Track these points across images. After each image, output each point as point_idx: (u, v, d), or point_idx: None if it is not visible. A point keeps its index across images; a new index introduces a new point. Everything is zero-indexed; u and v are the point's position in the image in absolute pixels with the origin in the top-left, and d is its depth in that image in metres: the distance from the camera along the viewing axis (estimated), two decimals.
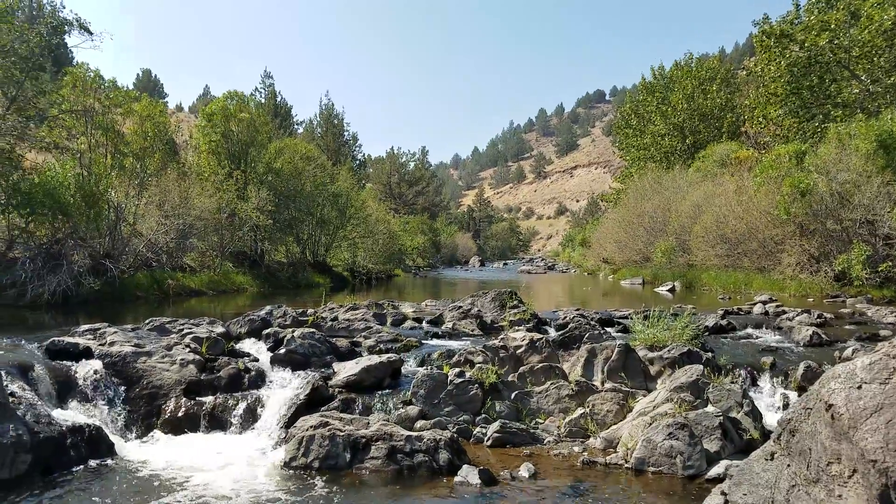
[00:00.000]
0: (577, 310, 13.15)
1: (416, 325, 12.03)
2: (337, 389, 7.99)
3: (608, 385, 7.86)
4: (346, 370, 8.32)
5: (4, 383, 6.50)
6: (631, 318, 10.92)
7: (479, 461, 6.49)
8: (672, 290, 24.51)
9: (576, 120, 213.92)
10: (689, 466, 6.05)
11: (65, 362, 7.97)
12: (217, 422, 7.62)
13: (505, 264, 78.23)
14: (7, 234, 18.88)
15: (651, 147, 43.75)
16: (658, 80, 44.97)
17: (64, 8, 19.64)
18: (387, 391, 8.03)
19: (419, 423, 7.27)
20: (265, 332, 9.93)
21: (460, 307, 12.55)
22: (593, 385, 7.91)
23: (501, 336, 9.19)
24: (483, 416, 7.58)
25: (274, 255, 30.14)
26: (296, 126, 55.31)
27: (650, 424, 6.55)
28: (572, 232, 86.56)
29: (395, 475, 6.17)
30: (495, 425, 7.16)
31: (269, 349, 9.42)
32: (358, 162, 59.71)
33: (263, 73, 52.95)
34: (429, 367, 8.54)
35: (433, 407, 7.62)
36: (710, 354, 8.54)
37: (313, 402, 7.59)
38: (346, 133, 58.18)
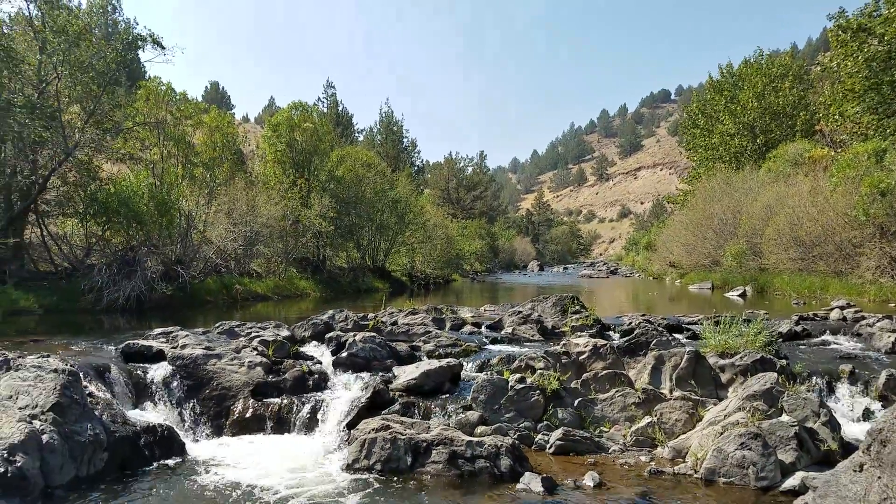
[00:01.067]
0: (643, 315, 12.77)
1: (475, 329, 11.96)
2: (397, 393, 8.03)
3: (677, 393, 7.57)
4: (406, 374, 8.34)
5: (83, 384, 6.83)
6: (700, 324, 10.52)
7: (541, 468, 6.37)
8: (743, 295, 23.56)
9: (640, 120, 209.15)
10: (763, 478, 5.77)
11: (139, 364, 8.33)
12: (283, 423, 7.77)
13: (565, 269, 77.17)
14: (85, 242, 19.99)
15: (720, 147, 42.33)
16: (726, 79, 43.47)
17: (137, 24, 20.60)
18: (446, 396, 7.99)
19: (479, 429, 7.19)
20: (328, 335, 10.10)
21: (520, 312, 12.40)
22: (661, 393, 7.64)
23: (563, 342, 9.00)
24: (545, 422, 7.42)
25: (335, 260, 30.74)
26: (356, 134, 56.37)
27: (721, 434, 6.28)
28: (636, 235, 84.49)
29: (457, 480, 6.14)
30: (558, 433, 7.01)
31: (331, 353, 9.57)
32: (416, 168, 60.24)
33: (326, 83, 54.42)
34: (489, 373, 8.45)
35: (493, 413, 7.53)
36: (784, 362, 8.12)
37: (374, 405, 7.64)
38: (405, 139, 58.86)
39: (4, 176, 17.22)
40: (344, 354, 9.01)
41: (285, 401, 7.95)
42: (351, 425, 7.28)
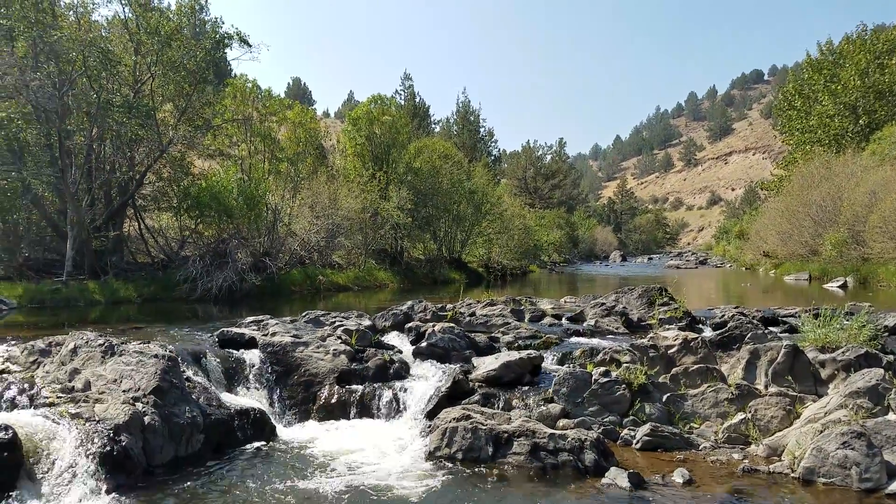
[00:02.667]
0: (736, 307, 12.16)
1: (556, 321, 11.77)
2: (477, 383, 8.02)
3: (773, 389, 7.18)
4: (485, 365, 8.32)
5: (181, 369, 7.22)
6: (798, 317, 9.89)
7: (626, 464, 6.21)
8: (843, 287, 22.06)
9: (730, 102, 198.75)
10: (867, 479, 5.40)
11: (232, 351, 8.71)
12: (366, 409, 7.95)
13: (650, 259, 74.76)
14: (179, 235, 21.18)
15: (818, 129, 39.68)
16: (826, 57, 40.65)
17: (223, 23, 21.37)
18: (526, 387, 7.91)
19: (562, 422, 7.09)
20: (407, 325, 10.23)
21: (603, 304, 12.09)
22: (755, 389, 7.26)
23: (650, 335, 8.70)
24: (631, 417, 7.22)
25: (412, 252, 31.10)
26: (433, 125, 56.64)
27: (821, 432, 5.93)
28: (727, 223, 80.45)
29: (539, 472, 6.08)
30: (645, 428, 6.81)
31: (411, 342, 9.68)
32: (493, 157, 59.87)
33: (403, 75, 54.80)
34: (571, 365, 8.30)
35: (576, 406, 7.38)
36: (891, 357, 7.50)
37: (454, 394, 7.67)
38: (482, 129, 58.56)
39: (104, 172, 18.43)
40: (423, 344, 9.09)
41: (368, 388, 8.13)
42: (431, 414, 7.35)
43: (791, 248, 31.81)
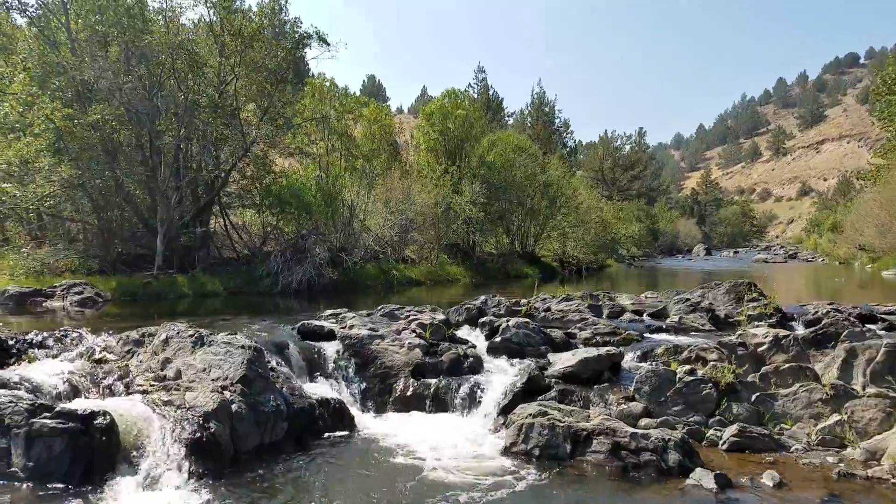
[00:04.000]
0: (830, 303, 11.38)
1: (636, 317, 11.39)
2: (553, 380, 7.89)
3: (871, 390, 6.74)
4: (562, 361, 8.16)
5: (266, 359, 7.47)
6: None
7: (712, 465, 5.99)
8: None
9: (822, 88, 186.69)
10: None
11: (312, 342, 8.95)
12: (440, 403, 7.98)
13: (735, 253, 71.34)
14: (261, 231, 21.99)
15: None
16: None
17: (302, 23, 21.96)
18: (605, 385, 7.71)
19: (644, 421, 6.89)
20: (481, 320, 10.18)
21: (687, 299, 11.60)
22: (852, 389, 6.83)
23: (739, 332, 8.32)
24: (717, 417, 6.94)
25: (484, 246, 31.00)
26: (507, 118, 56.15)
27: None
28: (819, 215, 75.68)
29: (619, 471, 5.96)
30: (733, 428, 6.54)
31: (485, 337, 9.64)
32: (569, 149, 58.73)
33: (477, 69, 54.46)
34: (653, 363, 8.02)
35: (659, 405, 7.13)
36: None
37: (530, 390, 7.58)
38: (557, 120, 57.55)
39: (191, 171, 19.36)
40: (498, 339, 9.03)
41: (442, 382, 8.16)
42: (506, 409, 7.29)
43: (890, 241, 29.77)
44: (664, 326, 10.50)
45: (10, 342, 7.86)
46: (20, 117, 17.60)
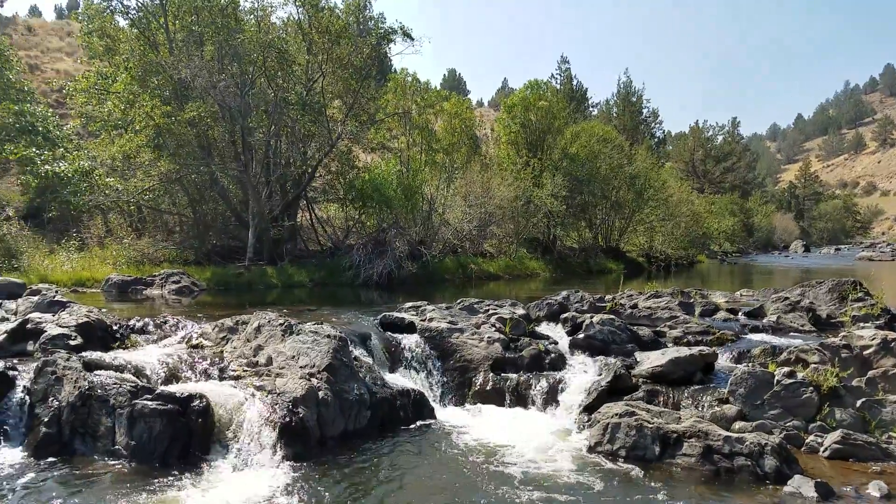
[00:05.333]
0: None
1: (731, 316, 10.85)
2: (640, 379, 7.62)
3: None
4: (650, 360, 7.86)
5: (350, 349, 7.63)
6: None
7: (812, 472, 5.69)
8: None
9: None
10: None
11: (393, 334, 9.07)
12: (520, 398, 7.89)
13: (837, 250, 66.71)
14: (344, 224, 22.53)
15: None
16: None
17: (385, 19, 22.22)
18: (697, 386, 7.38)
19: (738, 425, 6.58)
20: (563, 316, 9.98)
21: (786, 298, 10.92)
22: None
23: (842, 333, 7.75)
24: (818, 423, 6.56)
25: (565, 240, 30.43)
26: (591, 108, 54.89)
27: None
28: None
29: (711, 476, 5.74)
30: (835, 435, 6.19)
31: (567, 333, 9.45)
32: (657, 139, 56.72)
33: (559, 59, 53.48)
34: (749, 364, 7.62)
35: (754, 408, 6.75)
36: None
37: (615, 389, 7.36)
38: (644, 110, 55.72)
39: (280, 167, 20.05)
40: (581, 336, 8.82)
41: (523, 377, 8.07)
42: (590, 408, 7.12)
43: None
44: (761, 326, 10.01)
45: (115, 327, 8.40)
46: (123, 115, 18.80)
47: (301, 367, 6.96)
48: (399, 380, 8.05)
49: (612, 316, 9.39)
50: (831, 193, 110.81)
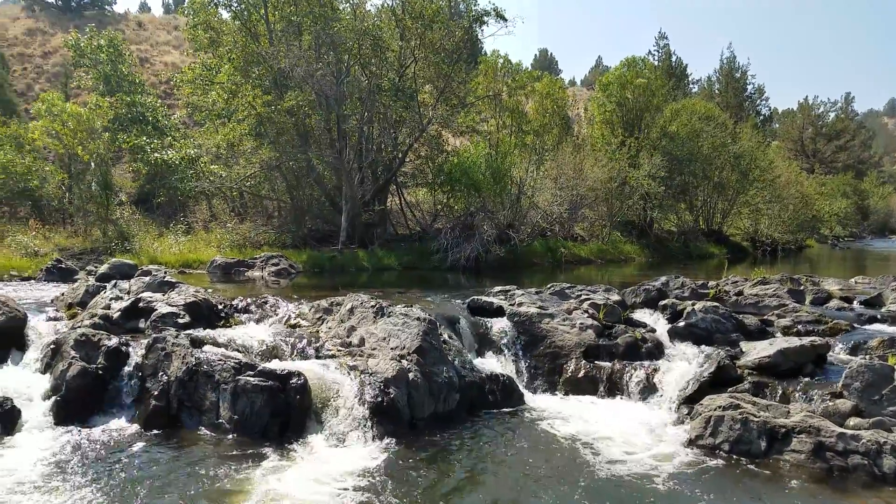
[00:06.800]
0: None
1: (845, 305, 10.10)
2: (746, 371, 7.18)
3: None
4: (756, 351, 7.40)
5: (439, 332, 7.66)
6: None
7: None
8: None
9: None
10: None
11: (482, 318, 9.01)
12: (614, 387, 7.65)
13: None
14: (433, 208, 22.69)
15: None
16: None
17: (478, 1, 21.94)
18: (808, 379, 6.88)
19: (853, 421, 6.07)
20: (661, 302, 9.57)
21: None
22: None
23: None
24: None
25: (663, 223, 29.21)
26: (691, 85, 52.39)
27: None
28: None
29: (822, 474, 5.41)
30: None
31: (666, 320, 9.05)
32: (762, 117, 53.37)
33: (657, 35, 51.22)
34: (866, 356, 7.03)
35: (872, 404, 6.20)
36: None
37: (718, 380, 6.97)
38: (749, 86, 52.53)
39: (372, 153, 20.42)
40: (681, 324, 8.42)
41: (617, 366, 7.81)
42: (691, 399, 6.80)
43: None
44: (879, 316, 9.26)
45: (220, 307, 8.87)
46: (226, 105, 19.76)
47: (392, 349, 7.07)
48: (487, 364, 8.00)
49: (715, 303, 8.91)
50: None
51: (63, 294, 10.12)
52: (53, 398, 6.38)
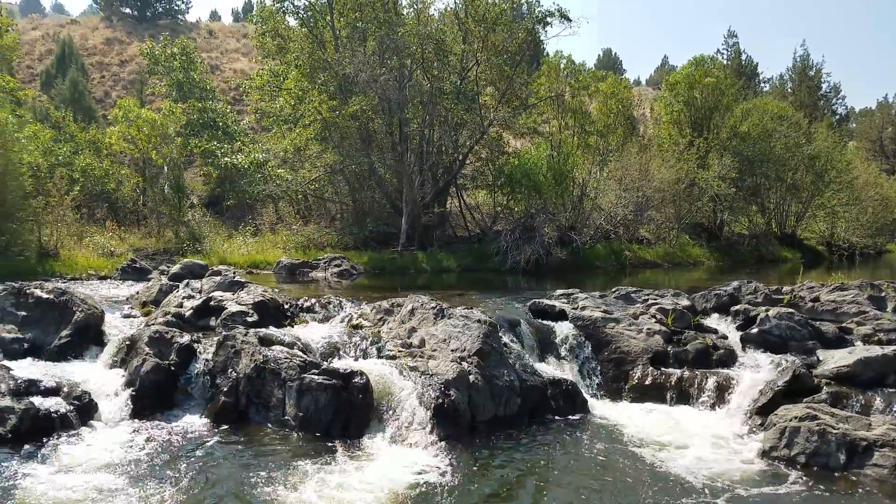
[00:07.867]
0: None
1: None
2: (823, 380, 6.81)
3: None
4: (834, 359, 7.01)
5: (500, 335, 7.60)
6: None
7: None
8: None
9: None
10: None
11: (543, 322, 8.88)
12: (683, 395, 7.40)
13: None
14: (492, 210, 22.60)
15: None
16: None
17: (541, 2, 21.69)
18: (891, 390, 6.47)
19: None
20: (733, 308, 9.19)
21: None
22: None
23: None
24: None
25: (733, 226, 28.12)
26: (762, 84, 50.38)
27: None
28: None
29: None
30: None
31: (738, 327, 8.70)
32: (839, 117, 50.75)
33: (727, 33, 49.69)
34: None
35: None
36: None
37: (794, 390, 6.64)
38: (824, 84, 50.06)
39: (432, 155, 20.53)
40: (754, 331, 8.09)
41: (686, 373, 7.56)
42: (764, 409, 6.52)
43: None
44: None
45: (286, 306, 9.10)
46: (293, 110, 20.28)
47: (452, 351, 7.06)
48: (549, 369, 7.87)
49: (790, 309, 8.49)
50: None
51: (138, 293, 10.63)
52: (128, 392, 6.67)
